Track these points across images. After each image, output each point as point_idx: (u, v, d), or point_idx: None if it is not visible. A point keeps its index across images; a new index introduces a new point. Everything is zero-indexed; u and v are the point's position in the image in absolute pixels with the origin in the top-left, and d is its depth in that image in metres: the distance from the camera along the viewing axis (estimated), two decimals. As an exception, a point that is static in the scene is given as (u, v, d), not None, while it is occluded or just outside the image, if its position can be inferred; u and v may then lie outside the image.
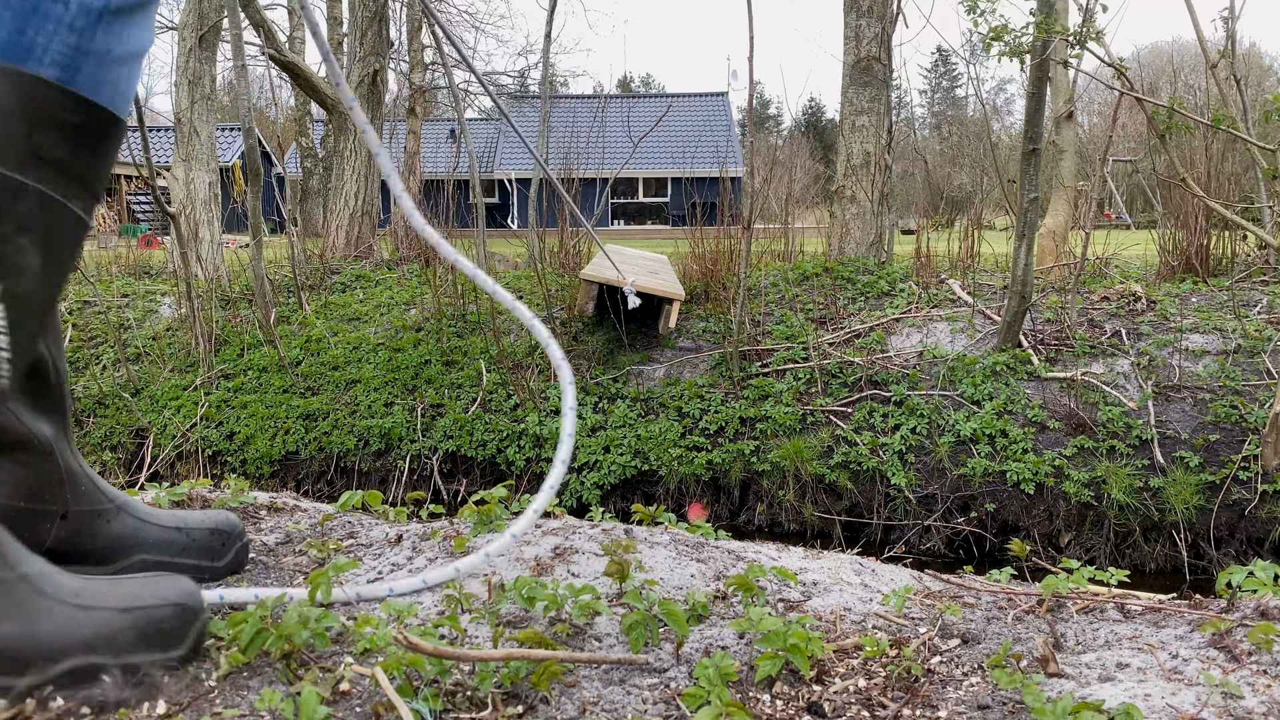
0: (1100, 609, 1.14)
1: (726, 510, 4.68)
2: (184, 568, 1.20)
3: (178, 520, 1.23)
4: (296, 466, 5.02)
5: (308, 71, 8.57)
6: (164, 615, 0.92)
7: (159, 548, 1.19)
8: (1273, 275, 5.37)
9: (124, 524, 1.17)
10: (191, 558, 1.21)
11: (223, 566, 1.25)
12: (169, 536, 1.21)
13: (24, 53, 0.84)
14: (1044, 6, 4.11)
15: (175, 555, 1.20)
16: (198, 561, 1.22)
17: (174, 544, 1.20)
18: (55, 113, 0.85)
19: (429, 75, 14.01)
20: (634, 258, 7.10)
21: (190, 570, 1.21)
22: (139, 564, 1.17)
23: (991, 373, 4.57)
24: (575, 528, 1.42)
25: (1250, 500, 3.89)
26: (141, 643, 0.90)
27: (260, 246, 5.83)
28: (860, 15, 6.23)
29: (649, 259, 7.02)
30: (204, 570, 1.23)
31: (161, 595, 0.94)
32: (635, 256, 7.22)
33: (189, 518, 1.24)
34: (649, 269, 5.62)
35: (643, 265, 5.90)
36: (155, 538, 1.20)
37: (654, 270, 5.58)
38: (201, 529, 1.24)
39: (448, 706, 0.88)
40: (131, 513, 1.19)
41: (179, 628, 0.93)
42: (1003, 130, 27.46)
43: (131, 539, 1.18)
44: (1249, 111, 5.32)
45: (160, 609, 0.92)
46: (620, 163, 9.99)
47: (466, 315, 5.94)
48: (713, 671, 0.90)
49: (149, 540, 1.19)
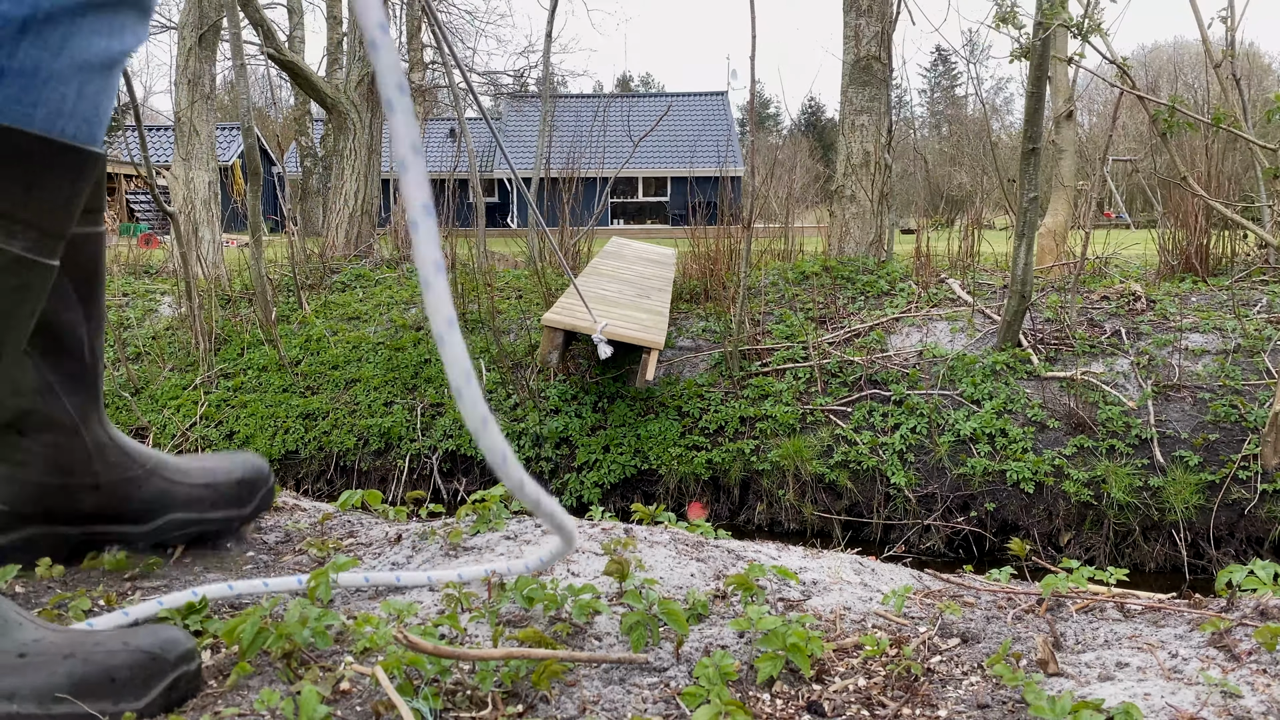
0: (1100, 608, 1.14)
1: (726, 509, 4.68)
2: (214, 520, 1.29)
3: (206, 476, 1.30)
4: (296, 466, 5.02)
5: (307, 71, 8.57)
6: (118, 664, 0.86)
7: (189, 505, 1.27)
8: (1273, 275, 5.37)
9: (155, 486, 1.24)
10: (220, 510, 1.30)
11: (249, 513, 1.34)
12: (197, 494, 1.28)
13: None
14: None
15: (205, 511, 1.29)
16: (226, 513, 1.31)
17: (203, 500, 1.28)
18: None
19: (429, 75, 14.01)
20: (641, 253, 6.98)
21: (220, 522, 1.30)
22: (173, 523, 1.26)
23: (991, 372, 4.57)
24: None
25: (1250, 499, 3.89)
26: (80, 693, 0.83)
27: (260, 246, 5.83)
28: (860, 15, 6.23)
29: (653, 257, 6.87)
30: (233, 519, 1.32)
31: (131, 643, 0.88)
32: (642, 251, 7.10)
33: (216, 472, 1.31)
34: (639, 290, 5.32)
35: (638, 276, 5.72)
36: (185, 496, 1.27)
37: (644, 298, 5.17)
38: (229, 481, 1.31)
39: (448, 705, 0.88)
40: (163, 474, 1.25)
41: (137, 679, 0.86)
42: (1002, 130, 27.46)
43: (163, 499, 1.25)
44: (1249, 111, 5.32)
45: (116, 656, 0.87)
46: (620, 162, 9.99)
47: (466, 315, 5.94)
48: (713, 671, 0.90)
49: (179, 499, 1.27)
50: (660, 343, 4.17)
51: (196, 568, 1.29)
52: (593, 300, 4.59)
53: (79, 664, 0.85)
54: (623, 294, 5.11)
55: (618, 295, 5.06)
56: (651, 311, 4.81)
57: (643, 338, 4.12)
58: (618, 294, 5.10)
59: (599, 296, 4.81)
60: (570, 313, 4.27)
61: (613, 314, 4.36)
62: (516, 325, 5.75)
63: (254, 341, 5.81)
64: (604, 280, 5.48)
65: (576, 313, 4.22)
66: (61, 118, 0.77)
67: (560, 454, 4.76)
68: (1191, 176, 4.83)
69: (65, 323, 1.13)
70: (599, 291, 5.01)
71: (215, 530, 1.33)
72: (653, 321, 4.54)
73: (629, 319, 4.40)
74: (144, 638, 0.90)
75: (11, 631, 0.87)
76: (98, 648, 0.87)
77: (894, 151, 6.46)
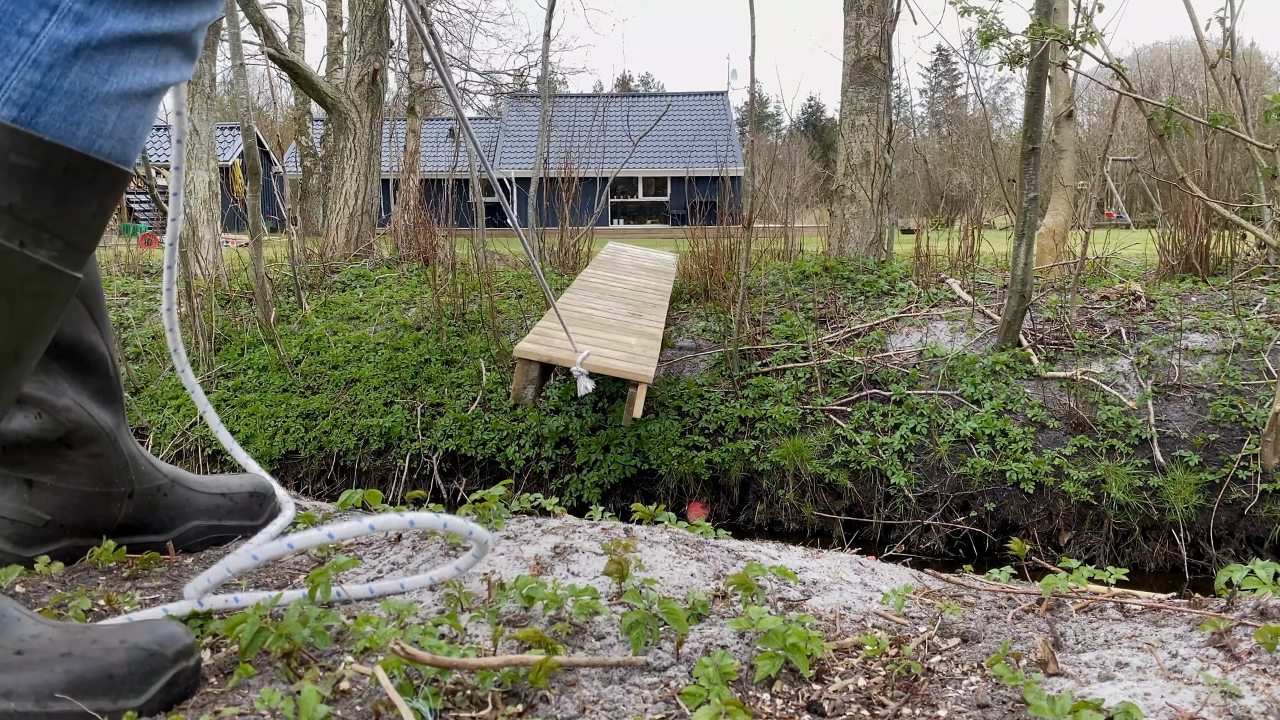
0: (1100, 608, 1.14)
1: (726, 509, 4.68)
2: (229, 528, 1.39)
3: (221, 486, 1.40)
4: (296, 465, 5.02)
5: (307, 71, 8.56)
6: (116, 661, 0.86)
7: (208, 513, 1.37)
8: (1272, 275, 5.37)
9: (178, 495, 1.34)
10: (235, 519, 1.39)
11: (259, 524, 1.42)
12: (216, 502, 1.38)
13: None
14: (1042, 7, 4.11)
15: (222, 518, 1.38)
16: (240, 522, 1.40)
17: (220, 508, 1.38)
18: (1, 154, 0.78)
19: (429, 75, 14.01)
20: (638, 260, 6.72)
21: (234, 530, 1.39)
22: (194, 529, 1.35)
23: (991, 372, 4.57)
24: (575, 527, 1.42)
25: (1250, 499, 3.89)
26: (78, 691, 0.83)
27: (260, 245, 5.83)
28: (860, 14, 6.23)
29: (650, 265, 6.65)
30: (246, 529, 1.40)
31: (129, 640, 0.88)
32: (640, 258, 6.86)
33: (230, 484, 1.41)
34: (633, 307, 4.99)
35: (633, 290, 5.51)
36: (205, 504, 1.37)
37: (636, 317, 4.76)
38: (242, 493, 1.41)
39: (448, 705, 0.88)
40: (184, 484, 1.35)
41: (136, 676, 0.86)
42: (1003, 129, 27.46)
43: (186, 508, 1.35)
44: (1249, 111, 5.32)
45: (114, 654, 0.86)
46: (620, 162, 10.00)
47: (466, 314, 5.94)
48: (712, 670, 0.90)
49: (200, 507, 1.36)
50: (650, 375, 3.72)
51: (196, 568, 1.29)
52: (578, 322, 4.27)
53: (76, 661, 0.85)
54: (613, 313, 4.75)
55: (607, 315, 4.71)
56: (643, 334, 4.42)
57: (629, 370, 3.66)
58: (607, 314, 4.74)
59: (585, 318, 4.50)
60: (548, 341, 3.85)
61: (598, 340, 4.01)
62: (516, 325, 5.75)
63: (254, 341, 5.81)
64: (593, 297, 5.14)
65: (555, 341, 3.83)
66: (101, 138, 0.83)
67: (560, 454, 4.76)
68: (1191, 177, 4.83)
69: (89, 343, 1.23)
70: (586, 311, 4.67)
71: (228, 538, 1.40)
72: (643, 348, 4.10)
73: (617, 346, 4.00)
74: (142, 634, 0.89)
75: (9, 628, 0.87)
76: (95, 645, 0.87)
77: (894, 151, 6.46)
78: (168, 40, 0.87)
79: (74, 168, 0.82)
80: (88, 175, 0.84)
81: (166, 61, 0.88)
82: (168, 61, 0.88)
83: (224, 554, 1.33)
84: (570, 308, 4.73)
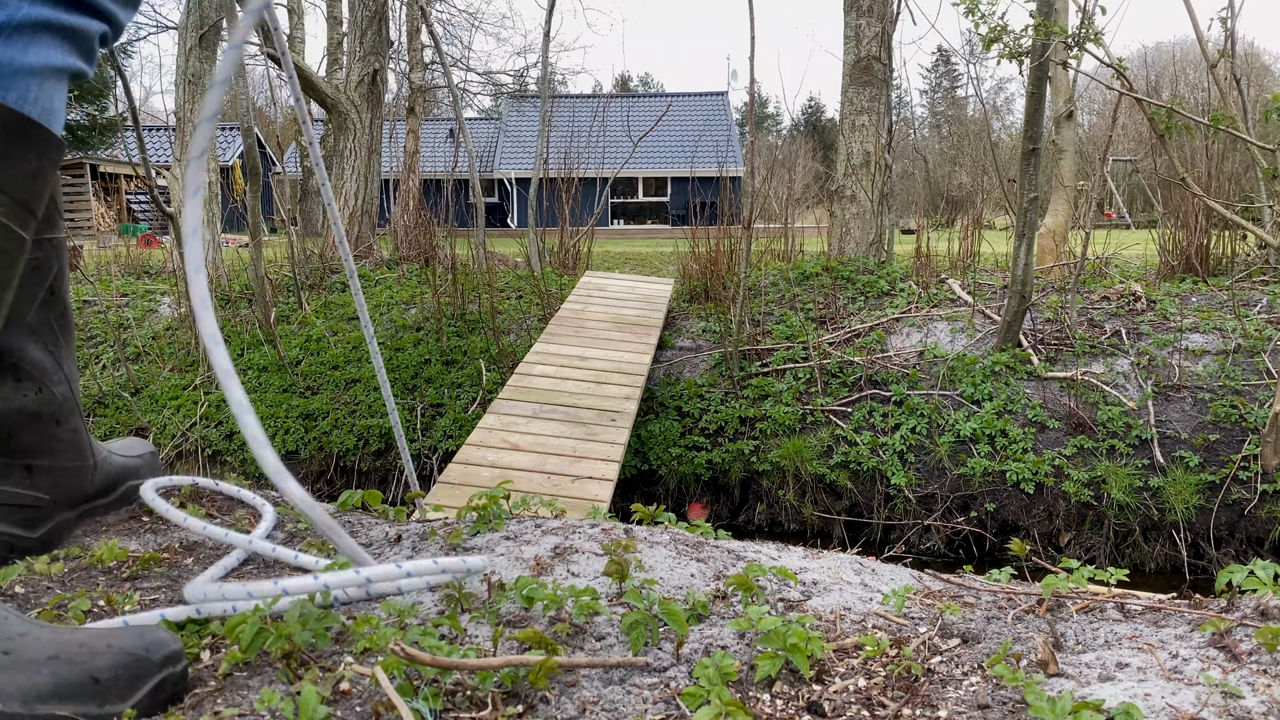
0: (1100, 608, 1.14)
1: (726, 510, 4.68)
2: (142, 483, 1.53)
3: (126, 449, 1.57)
4: (296, 466, 5.02)
5: (308, 71, 8.56)
6: (102, 665, 0.86)
7: (135, 473, 1.53)
8: (1273, 275, 5.37)
9: (112, 463, 1.49)
10: (147, 475, 1.55)
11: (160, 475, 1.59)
12: (133, 464, 1.54)
13: None
14: (1044, 8, 4.11)
15: (142, 476, 1.53)
16: (151, 477, 1.54)
17: (139, 469, 1.54)
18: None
19: (429, 75, 14.02)
20: (615, 305, 5.68)
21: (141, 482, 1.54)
22: (128, 491, 1.50)
23: (991, 372, 4.57)
24: (575, 527, 1.42)
25: (1250, 500, 3.89)
26: (64, 695, 0.83)
27: (260, 246, 5.83)
28: (860, 15, 6.23)
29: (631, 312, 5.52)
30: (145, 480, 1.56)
31: (116, 644, 0.88)
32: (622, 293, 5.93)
33: (132, 448, 1.59)
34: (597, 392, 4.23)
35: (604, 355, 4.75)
36: (132, 466, 1.53)
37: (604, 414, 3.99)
38: (145, 453, 1.59)
39: (448, 706, 0.88)
40: (113, 450, 1.52)
41: (122, 680, 0.86)
42: (1003, 130, 27.46)
43: (119, 473, 1.50)
44: (1249, 111, 5.32)
45: (100, 658, 0.86)
46: (620, 162, 10.00)
47: (466, 315, 5.94)
48: (713, 671, 0.90)
49: (130, 470, 1.52)
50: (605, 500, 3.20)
51: (196, 569, 1.29)
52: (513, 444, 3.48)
53: (63, 665, 0.85)
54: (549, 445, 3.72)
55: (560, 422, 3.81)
56: (607, 441, 3.68)
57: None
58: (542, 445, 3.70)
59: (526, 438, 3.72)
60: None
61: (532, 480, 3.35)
62: (516, 325, 5.75)
63: (254, 342, 5.81)
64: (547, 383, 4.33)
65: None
66: (28, 103, 0.97)
67: (560, 454, 4.76)
68: (1191, 177, 4.83)
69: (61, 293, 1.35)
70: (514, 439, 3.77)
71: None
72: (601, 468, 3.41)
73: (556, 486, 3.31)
74: (129, 639, 0.90)
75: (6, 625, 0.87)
76: (81, 649, 0.87)
77: (894, 151, 6.46)
78: (72, 33, 1.01)
79: (11, 125, 0.95)
80: (23, 132, 0.96)
81: (72, 50, 1.02)
82: (72, 51, 1.02)
83: (219, 549, 1.33)
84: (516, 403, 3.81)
